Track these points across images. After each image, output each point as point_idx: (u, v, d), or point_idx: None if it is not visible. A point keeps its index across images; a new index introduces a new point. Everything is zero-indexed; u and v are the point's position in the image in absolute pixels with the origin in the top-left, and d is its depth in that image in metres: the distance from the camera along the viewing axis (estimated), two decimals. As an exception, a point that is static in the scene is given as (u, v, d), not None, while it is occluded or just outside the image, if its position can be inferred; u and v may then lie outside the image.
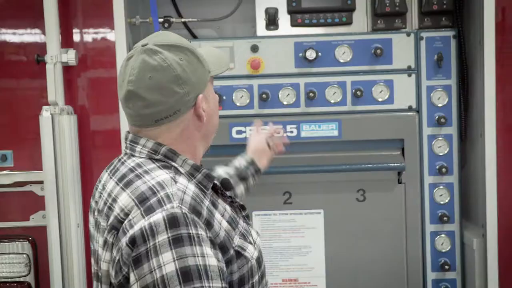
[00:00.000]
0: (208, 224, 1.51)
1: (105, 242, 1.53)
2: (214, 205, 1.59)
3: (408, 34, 2.81)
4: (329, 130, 2.80)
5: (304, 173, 2.79)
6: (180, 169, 1.59)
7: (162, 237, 1.41)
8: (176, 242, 1.41)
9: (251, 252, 1.62)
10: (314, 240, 2.83)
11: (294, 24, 2.90)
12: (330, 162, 2.81)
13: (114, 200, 1.55)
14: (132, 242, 1.44)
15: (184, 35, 3.15)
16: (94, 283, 1.63)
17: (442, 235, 2.86)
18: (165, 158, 1.60)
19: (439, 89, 2.83)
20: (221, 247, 1.53)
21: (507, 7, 2.73)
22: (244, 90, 2.80)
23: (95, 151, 2.81)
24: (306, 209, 2.83)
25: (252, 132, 2.47)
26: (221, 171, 2.20)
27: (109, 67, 2.69)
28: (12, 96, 2.84)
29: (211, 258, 1.45)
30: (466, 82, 2.85)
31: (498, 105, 2.69)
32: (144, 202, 1.48)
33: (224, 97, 2.79)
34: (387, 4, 2.84)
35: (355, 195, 2.83)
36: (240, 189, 2.21)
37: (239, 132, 2.79)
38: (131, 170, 1.58)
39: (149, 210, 1.46)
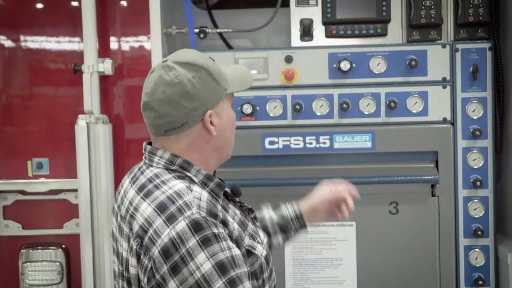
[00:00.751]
0: (224, 224, 1.65)
1: (131, 248, 1.66)
2: (225, 209, 1.73)
3: (444, 46, 2.79)
4: (362, 141, 2.79)
5: (337, 184, 2.78)
6: (194, 178, 1.72)
7: (192, 241, 1.56)
8: (205, 242, 1.56)
9: (260, 250, 1.75)
10: (346, 252, 2.82)
11: (328, 35, 2.91)
12: (363, 174, 2.79)
13: (136, 209, 1.68)
14: (165, 252, 1.57)
15: (219, 45, 3.22)
16: (119, 281, 1.75)
17: (476, 250, 2.82)
18: (181, 168, 1.73)
19: (474, 101, 2.80)
20: (236, 244, 1.67)
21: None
22: (278, 100, 2.81)
23: (129, 159, 2.84)
24: (338, 221, 2.82)
25: (325, 183, 2.22)
26: (266, 213, 2.14)
27: (144, 77, 2.72)
28: (50, 103, 2.90)
29: (235, 249, 1.62)
30: (502, 94, 2.82)
31: (535, 119, 2.66)
32: (165, 211, 1.61)
33: (258, 108, 2.80)
34: (423, 16, 2.83)
35: (388, 208, 2.81)
36: (277, 239, 2.12)
37: (271, 142, 2.79)
38: (150, 180, 1.72)
39: (172, 219, 1.59)
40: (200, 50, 2.79)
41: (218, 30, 3.06)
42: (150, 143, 1.80)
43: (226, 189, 1.78)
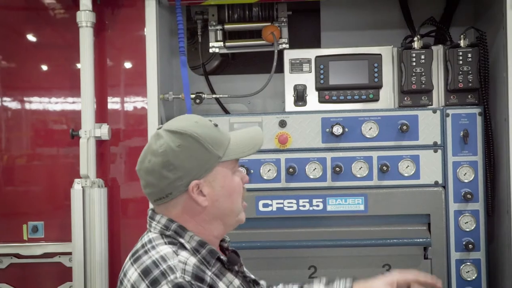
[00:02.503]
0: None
1: None
2: (218, 277, 1.70)
3: (434, 111, 2.86)
4: (355, 204, 2.83)
5: (330, 247, 2.81)
6: (186, 244, 1.70)
7: None
8: None
9: None
10: (340, 315, 2.81)
11: (322, 100, 2.98)
12: (356, 236, 2.82)
13: (125, 275, 1.68)
14: None
15: (216, 110, 3.29)
16: None
17: (471, 318, 2.82)
18: (175, 234, 1.72)
19: (466, 165, 2.84)
20: None
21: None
22: (272, 164, 2.86)
23: (125, 220, 2.87)
24: (331, 284, 2.83)
25: (395, 274, 2.01)
26: (316, 286, 2.06)
27: (140, 140, 2.80)
28: (47, 165, 2.94)
29: None
30: (492, 158, 2.86)
31: (524, 182, 2.70)
32: (149, 276, 1.61)
33: (252, 171, 2.85)
34: (414, 82, 2.90)
35: (381, 270, 2.83)
36: None
37: (265, 205, 2.83)
38: (143, 246, 1.73)
39: (155, 283, 1.58)
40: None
41: (214, 96, 3.14)
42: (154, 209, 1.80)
43: (222, 257, 1.75)
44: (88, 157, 2.75)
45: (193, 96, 3.00)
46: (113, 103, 2.90)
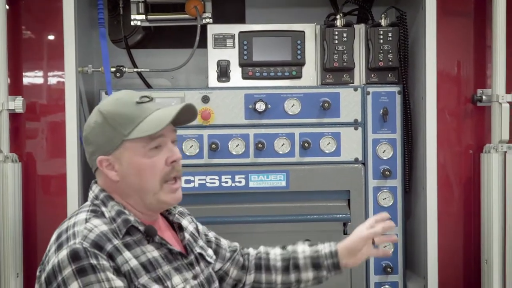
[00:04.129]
0: (110, 257, 1.68)
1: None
2: (128, 246, 1.74)
3: (355, 89, 2.90)
4: (277, 180, 2.85)
5: (252, 223, 2.82)
6: (106, 213, 1.78)
7: (67, 270, 1.62)
8: (80, 272, 1.62)
9: None
10: (261, 290, 2.84)
11: (245, 76, 2.97)
12: (277, 212, 2.85)
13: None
14: (48, 278, 1.65)
15: (138, 84, 3.24)
16: None
17: (386, 286, 2.90)
18: (101, 203, 1.81)
19: (385, 142, 2.91)
20: (128, 279, 1.70)
21: (448, 65, 2.85)
22: (194, 139, 2.84)
23: (42, 196, 2.79)
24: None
25: (365, 224, 2.15)
26: (300, 247, 2.16)
27: (58, 113, 2.72)
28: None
29: (117, 281, 1.65)
30: (410, 136, 2.94)
31: (440, 159, 2.78)
32: (59, 240, 1.70)
33: (174, 147, 2.82)
34: (336, 60, 2.93)
35: (302, 246, 2.86)
36: (307, 275, 2.11)
37: (187, 181, 2.80)
38: (75, 211, 1.83)
39: (60, 247, 1.68)
40: (118, 89, 2.82)
41: (136, 70, 3.08)
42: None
43: (140, 227, 1.78)
44: (1, 131, 2.64)
45: (113, 69, 2.93)
46: (28, 76, 2.80)
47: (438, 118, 2.79)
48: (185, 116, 1.88)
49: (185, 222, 2.03)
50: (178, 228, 1.99)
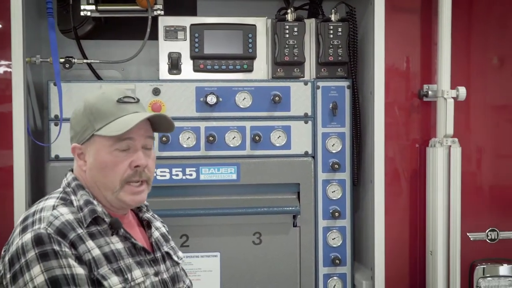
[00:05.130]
0: (73, 245, 1.72)
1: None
2: (93, 236, 1.79)
3: (306, 83, 2.93)
4: (227, 173, 2.86)
5: (202, 216, 2.83)
6: (75, 202, 1.83)
7: (31, 254, 1.67)
8: (43, 257, 1.67)
9: (112, 283, 1.76)
10: (211, 283, 2.85)
11: (196, 69, 2.96)
12: (228, 205, 2.86)
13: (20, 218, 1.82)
14: (11, 260, 1.70)
15: (88, 76, 3.19)
16: None
17: (335, 278, 2.95)
18: (72, 191, 1.86)
19: (334, 136, 2.95)
20: (89, 268, 1.74)
21: (396, 60, 2.91)
22: (144, 132, 2.82)
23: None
24: (203, 252, 2.85)
25: None
26: None
27: (4, 104, 2.66)
28: None
29: (78, 268, 1.70)
30: (359, 130, 2.98)
31: (387, 153, 2.84)
32: (24, 222, 1.75)
33: (124, 139, 2.80)
34: (286, 54, 2.95)
35: (252, 238, 2.89)
36: None
37: (138, 174, 2.79)
38: (46, 196, 1.88)
39: (25, 230, 1.72)
40: (67, 80, 2.81)
41: (85, 61, 3.04)
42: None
43: (106, 219, 1.83)
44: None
45: (62, 60, 2.88)
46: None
47: (386, 113, 2.84)
48: (163, 126, 1.96)
49: (158, 224, 2.11)
50: (146, 226, 2.04)
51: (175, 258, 2.05)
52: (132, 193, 1.86)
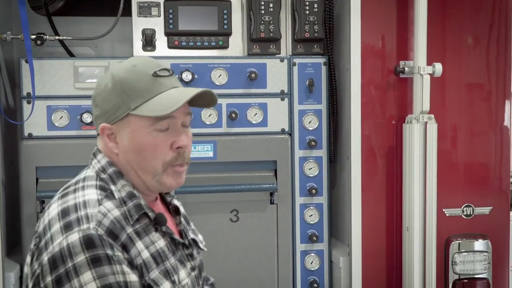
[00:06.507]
0: (125, 248, 1.55)
1: (30, 247, 1.60)
2: (139, 235, 1.62)
3: (282, 60, 2.92)
4: (204, 151, 2.84)
5: (178, 194, 2.78)
6: (116, 193, 1.63)
7: (80, 258, 1.49)
8: (94, 262, 1.49)
9: None
10: (188, 260, 2.84)
11: (171, 46, 2.93)
12: (205, 183, 2.84)
13: (48, 207, 1.63)
14: (53, 261, 1.50)
15: (60, 53, 3.14)
16: None
17: (312, 254, 2.96)
18: (109, 178, 1.66)
19: (310, 113, 2.94)
20: (140, 272, 1.58)
21: (372, 37, 2.89)
22: (119, 110, 2.78)
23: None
24: (179, 230, 2.84)
25: None
26: None
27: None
28: None
29: (131, 275, 1.53)
30: (335, 107, 2.98)
31: (364, 129, 2.84)
32: (65, 218, 1.55)
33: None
34: (262, 30, 2.93)
35: (229, 216, 2.88)
36: None
37: (113, 152, 2.76)
38: (76, 182, 1.66)
39: (68, 228, 1.53)
40: (39, 57, 2.76)
41: (57, 37, 2.97)
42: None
43: (150, 214, 1.66)
44: None
45: (33, 37, 2.82)
46: None
47: (362, 89, 2.83)
48: (203, 100, 1.74)
49: (177, 202, 1.93)
50: (174, 211, 1.88)
51: (201, 246, 1.89)
52: (175, 174, 1.68)
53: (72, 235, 1.51)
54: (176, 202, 1.91)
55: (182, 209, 1.93)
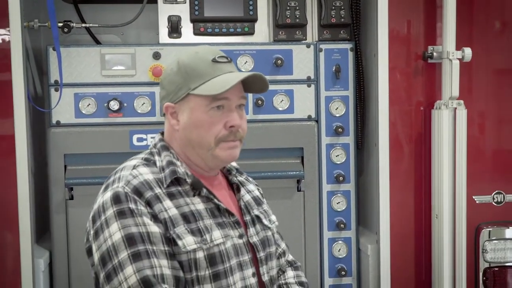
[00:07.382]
0: (148, 204, 1.77)
1: None
2: (173, 196, 1.82)
3: (308, 46, 2.89)
4: (230, 138, 2.82)
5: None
6: (158, 163, 1.87)
7: (110, 211, 1.74)
8: (120, 214, 1.73)
9: (187, 243, 1.77)
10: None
11: (196, 32, 2.91)
12: (231, 170, 2.83)
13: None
14: (94, 217, 1.79)
15: (87, 40, 3.14)
16: None
17: (339, 242, 2.94)
18: (157, 151, 1.90)
19: (337, 99, 2.91)
20: (165, 226, 1.76)
21: (399, 22, 2.85)
22: (146, 97, 2.79)
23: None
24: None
25: None
26: None
27: (4, 71, 2.60)
28: None
29: (153, 226, 1.74)
30: (362, 93, 2.95)
31: (391, 116, 2.81)
32: (107, 181, 1.85)
33: (125, 104, 2.77)
34: (288, 16, 2.91)
35: (256, 203, 2.86)
36: None
37: (140, 139, 2.76)
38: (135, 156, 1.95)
39: (106, 188, 1.81)
40: (66, 45, 2.76)
41: (84, 25, 2.98)
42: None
43: (187, 180, 1.84)
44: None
45: (60, 24, 2.83)
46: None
47: (390, 75, 2.80)
48: (257, 85, 1.94)
49: (251, 187, 2.11)
50: (236, 189, 2.03)
51: (266, 222, 2.02)
52: (227, 148, 1.86)
53: (107, 194, 1.78)
54: (243, 180, 2.09)
55: (256, 192, 2.12)
